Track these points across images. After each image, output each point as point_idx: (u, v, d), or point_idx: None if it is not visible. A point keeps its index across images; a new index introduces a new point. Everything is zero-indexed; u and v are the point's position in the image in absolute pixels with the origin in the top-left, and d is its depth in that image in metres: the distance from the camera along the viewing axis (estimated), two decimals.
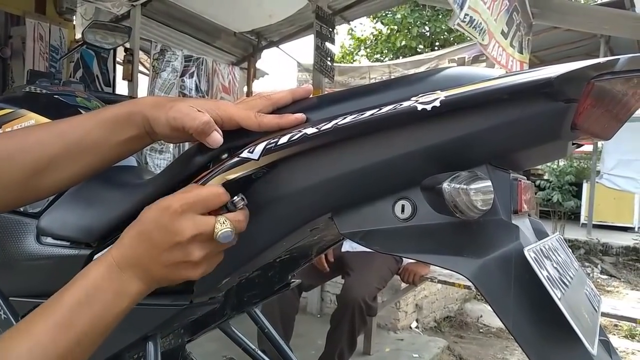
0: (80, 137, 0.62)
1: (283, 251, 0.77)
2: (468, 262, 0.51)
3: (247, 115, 0.60)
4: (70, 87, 1.24)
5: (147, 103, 0.62)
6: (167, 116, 0.59)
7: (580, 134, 0.54)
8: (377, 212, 0.58)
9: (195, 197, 0.54)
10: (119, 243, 0.55)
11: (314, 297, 3.59)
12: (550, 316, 0.48)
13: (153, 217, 0.54)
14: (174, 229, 0.53)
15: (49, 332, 0.49)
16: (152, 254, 0.54)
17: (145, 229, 0.54)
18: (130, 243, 0.54)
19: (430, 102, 0.52)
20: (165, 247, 0.53)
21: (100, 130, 0.62)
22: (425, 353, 3.04)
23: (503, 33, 4.11)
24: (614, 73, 0.50)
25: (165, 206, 0.54)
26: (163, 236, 0.53)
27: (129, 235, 0.55)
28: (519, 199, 0.57)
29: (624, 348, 3.66)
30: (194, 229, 0.53)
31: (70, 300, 0.51)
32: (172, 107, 0.60)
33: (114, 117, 0.62)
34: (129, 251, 0.54)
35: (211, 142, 0.59)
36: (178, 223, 0.53)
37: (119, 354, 0.77)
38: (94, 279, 0.53)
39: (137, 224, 0.55)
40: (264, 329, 1.07)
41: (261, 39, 6.19)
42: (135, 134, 0.62)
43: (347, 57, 15.24)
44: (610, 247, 7.39)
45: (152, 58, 4.48)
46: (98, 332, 0.52)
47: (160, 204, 0.54)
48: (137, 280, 0.54)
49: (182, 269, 0.55)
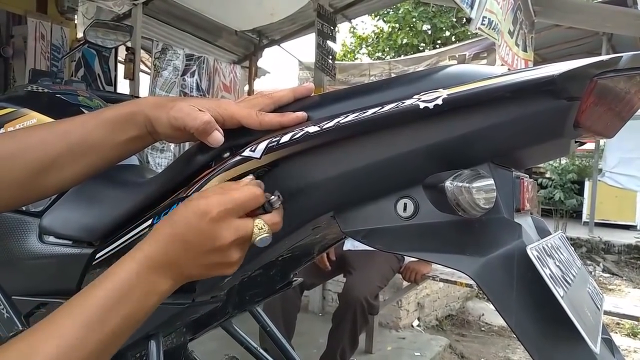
0: (82, 136, 0.62)
1: (285, 250, 0.77)
2: (470, 261, 0.51)
3: (248, 113, 0.60)
4: (72, 86, 1.24)
5: (148, 103, 0.62)
6: (169, 116, 0.60)
7: (582, 132, 0.54)
8: (379, 210, 0.58)
9: (233, 202, 0.53)
10: (152, 241, 0.54)
11: (316, 295, 3.60)
12: (552, 314, 0.48)
13: (189, 221, 0.52)
14: (214, 235, 0.52)
15: (79, 331, 0.48)
16: (189, 256, 0.53)
17: (180, 232, 0.53)
18: (165, 244, 0.53)
19: (432, 100, 0.52)
20: (204, 250, 0.53)
21: (102, 130, 0.62)
22: (427, 351, 3.04)
23: (510, 32, 4.12)
24: (617, 71, 0.50)
25: (203, 211, 0.52)
26: (201, 241, 0.52)
27: (162, 235, 0.54)
28: (522, 197, 0.57)
29: (626, 346, 3.66)
30: (234, 235, 0.53)
31: (101, 300, 0.50)
32: (174, 107, 0.60)
33: (115, 117, 0.62)
34: (163, 251, 0.53)
35: (212, 142, 0.59)
36: (218, 229, 0.52)
37: (121, 352, 0.77)
38: (126, 278, 0.51)
39: (170, 224, 0.54)
40: (266, 328, 1.07)
41: (262, 37, 6.19)
42: (137, 134, 0.62)
43: (349, 56, 15.23)
44: (612, 245, 7.38)
45: (153, 57, 4.48)
46: (127, 330, 0.52)
47: (197, 207, 0.53)
48: (169, 279, 0.53)
49: (217, 269, 0.55)
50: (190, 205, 0.53)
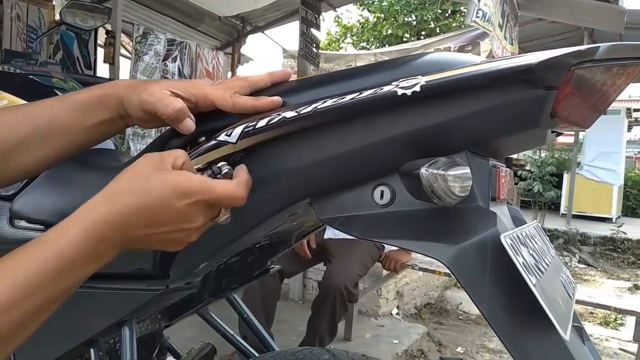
0: (49, 119, 0.60)
1: (262, 237, 0.76)
2: (445, 248, 0.51)
3: (222, 95, 0.59)
4: (47, 67, 1.21)
5: (120, 85, 0.61)
6: (140, 98, 0.58)
7: (559, 122, 0.54)
8: (356, 197, 0.58)
9: (213, 195, 0.51)
10: (110, 206, 0.49)
11: (296, 283, 3.61)
12: (525, 302, 0.49)
13: (165, 197, 0.49)
14: (187, 217, 0.51)
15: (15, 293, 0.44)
16: (149, 231, 0.50)
17: (153, 205, 0.49)
18: (128, 213, 0.49)
19: (410, 87, 0.51)
20: (169, 228, 0.51)
21: (71, 113, 0.60)
22: (405, 339, 3.08)
23: (500, 25, 4.14)
24: (595, 61, 0.50)
25: (184, 193, 0.50)
26: (171, 219, 0.50)
27: (125, 202, 0.49)
28: (498, 186, 0.57)
29: (599, 335, 3.75)
30: (204, 220, 0.53)
31: (40, 267, 0.45)
32: (145, 89, 0.58)
33: (85, 100, 0.60)
34: (122, 220, 0.49)
35: (183, 129, 0.58)
36: (193, 213, 0.51)
37: (93, 338, 0.76)
38: (71, 247, 0.46)
39: (140, 193, 0.49)
40: (242, 315, 1.06)
41: (246, 23, 6.12)
42: (108, 117, 0.61)
43: (334, 45, 15.15)
44: (589, 237, 7.53)
45: (134, 41, 4.40)
46: (64, 295, 0.48)
47: (179, 187, 0.50)
48: (116, 248, 0.50)
49: (168, 245, 0.53)
50: (170, 181, 0.50)
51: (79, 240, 0.47)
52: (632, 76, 0.55)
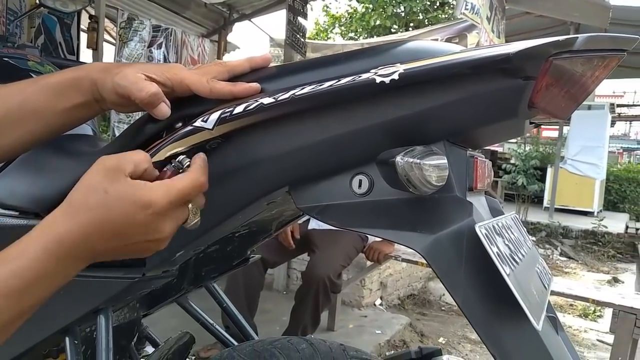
0: (20, 102, 0.58)
1: (240, 225, 0.76)
2: (421, 238, 0.51)
3: (198, 80, 0.57)
4: (25, 50, 1.18)
5: (95, 67, 0.59)
6: (113, 82, 0.56)
7: (537, 113, 0.54)
8: (334, 186, 0.58)
9: (178, 194, 0.49)
10: (70, 223, 0.46)
11: (280, 274, 3.61)
12: (499, 292, 0.49)
13: (127, 212, 0.47)
14: (154, 228, 0.49)
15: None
16: (115, 245, 0.48)
17: (115, 220, 0.47)
18: (88, 230, 0.47)
19: (389, 74, 0.51)
20: (135, 240, 0.49)
21: (43, 96, 0.58)
22: (387, 329, 3.10)
23: (487, 18, 4.15)
24: (573, 52, 0.50)
25: (146, 204, 0.47)
26: (138, 233, 0.48)
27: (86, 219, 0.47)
28: (475, 177, 0.57)
29: (578, 326, 3.82)
30: (174, 226, 0.51)
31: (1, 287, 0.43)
32: (119, 72, 0.57)
33: (58, 83, 0.59)
34: (84, 237, 0.47)
35: (158, 114, 0.56)
36: (160, 223, 0.49)
37: (69, 327, 0.75)
38: (31, 266, 0.44)
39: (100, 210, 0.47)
40: (222, 304, 1.06)
41: (233, 11, 6.05)
42: (82, 100, 0.59)
43: (321, 35, 15.09)
44: (570, 230, 7.65)
45: (118, 26, 4.33)
46: (26, 315, 0.46)
47: (139, 199, 0.47)
48: (82, 263, 0.48)
49: (140, 254, 0.52)
50: (129, 195, 0.47)
51: (40, 259, 0.45)
52: (610, 67, 0.55)
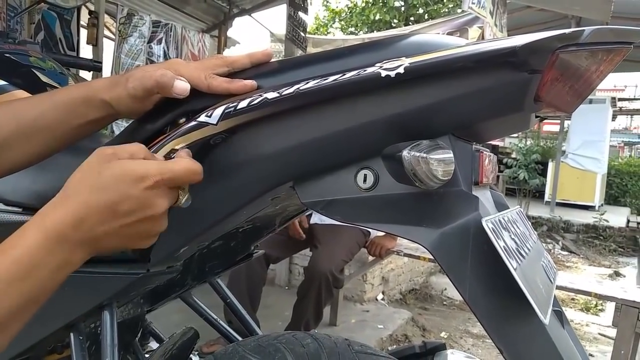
0: (34, 118, 0.60)
1: (244, 220, 0.76)
2: (427, 232, 0.50)
3: (197, 75, 0.58)
4: (26, 46, 1.18)
5: (102, 86, 0.60)
6: (127, 89, 0.58)
7: (542, 107, 0.54)
8: (339, 181, 0.58)
9: (172, 173, 0.50)
10: (66, 207, 0.47)
11: (282, 269, 3.61)
12: (505, 286, 0.49)
13: (121, 186, 0.48)
14: (148, 203, 0.49)
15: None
16: (113, 226, 0.48)
17: (111, 198, 0.47)
18: (86, 211, 0.47)
19: (394, 68, 0.51)
20: (133, 219, 0.49)
21: (56, 113, 0.60)
22: (389, 324, 3.11)
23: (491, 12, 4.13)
24: (579, 45, 0.50)
25: (140, 177, 0.48)
26: (133, 209, 0.48)
27: (81, 200, 0.47)
28: (480, 171, 0.57)
29: (580, 320, 3.82)
30: (167, 203, 0.51)
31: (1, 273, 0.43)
32: (128, 78, 0.58)
33: (70, 100, 0.60)
34: (81, 220, 0.47)
35: (178, 91, 0.57)
36: (154, 197, 0.49)
37: (73, 322, 0.75)
38: (31, 252, 0.45)
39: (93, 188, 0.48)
40: (226, 300, 1.06)
41: (233, 6, 6.02)
42: (95, 117, 0.61)
43: (322, 29, 15.03)
44: (572, 224, 7.64)
45: (118, 22, 4.30)
46: (34, 304, 0.46)
47: (132, 172, 0.48)
48: (83, 250, 0.48)
49: (139, 239, 0.52)
50: (124, 170, 0.48)
51: (38, 244, 0.45)
52: (615, 62, 0.55)
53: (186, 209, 0.56)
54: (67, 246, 0.47)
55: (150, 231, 0.52)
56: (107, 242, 0.50)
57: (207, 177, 0.60)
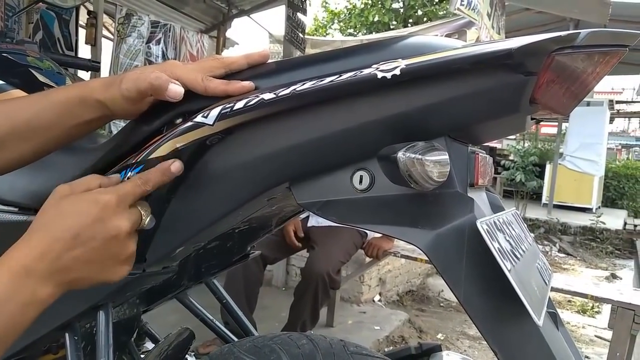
0: (28, 118, 0.59)
1: (240, 221, 0.76)
2: (422, 234, 0.51)
3: (194, 77, 0.58)
4: (24, 46, 1.17)
5: (97, 86, 0.60)
6: (121, 91, 0.57)
7: (538, 109, 0.54)
8: (335, 182, 0.58)
9: (125, 191, 0.53)
10: (29, 244, 0.48)
11: (280, 270, 3.61)
12: (500, 288, 0.49)
13: (82, 212, 0.50)
14: (112, 225, 0.51)
15: None
16: (77, 252, 0.49)
17: (71, 224, 0.49)
18: (48, 243, 0.48)
19: (390, 70, 0.51)
20: (99, 244, 0.50)
21: (51, 113, 0.60)
22: (386, 325, 3.11)
23: (488, 14, 4.13)
24: (575, 47, 0.50)
25: (94, 200, 0.51)
26: (97, 233, 0.50)
27: (43, 234, 0.49)
28: (476, 173, 0.57)
29: (576, 322, 3.83)
30: (129, 223, 0.53)
31: None
32: (122, 80, 0.58)
33: (65, 101, 0.60)
34: (44, 253, 0.48)
35: (172, 95, 0.56)
36: (117, 219, 0.51)
37: (68, 323, 0.75)
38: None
39: (55, 220, 0.50)
40: (222, 300, 1.06)
41: (232, 7, 6.02)
42: (89, 118, 0.61)
43: (321, 30, 15.04)
44: (569, 226, 7.65)
45: (116, 22, 4.30)
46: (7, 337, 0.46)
47: (89, 197, 0.51)
48: (51, 283, 0.48)
49: (111, 267, 0.53)
50: (80, 198, 0.51)
51: (3, 281, 0.46)
52: (611, 64, 0.55)
53: (183, 209, 0.57)
54: (33, 280, 0.47)
55: (119, 255, 0.53)
56: (76, 273, 0.50)
57: (204, 177, 0.61)
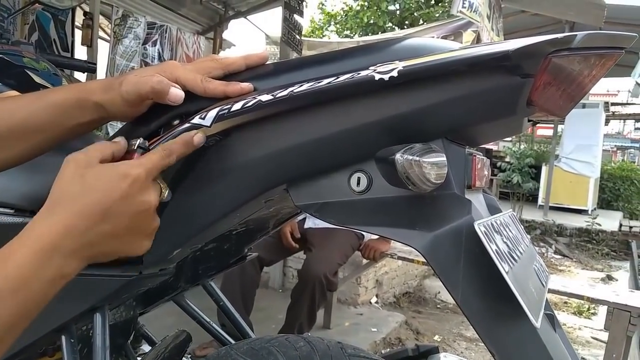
0: (24, 118, 0.59)
1: (237, 223, 0.75)
2: (420, 235, 0.51)
3: (193, 78, 0.57)
4: (19, 47, 1.17)
5: (96, 88, 0.59)
6: (121, 93, 0.57)
7: (535, 110, 0.54)
8: (332, 184, 0.58)
9: (152, 163, 0.52)
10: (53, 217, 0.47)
11: (276, 272, 3.60)
12: (497, 289, 0.49)
13: (108, 187, 0.48)
14: (141, 200, 0.50)
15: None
16: (106, 227, 0.48)
17: (100, 200, 0.48)
18: (72, 218, 0.47)
19: (387, 72, 0.51)
20: (126, 218, 0.49)
21: (47, 114, 0.59)
22: (383, 327, 3.11)
23: (488, 16, 4.15)
24: (571, 50, 0.50)
25: (123, 174, 0.49)
26: (124, 207, 0.49)
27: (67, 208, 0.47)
28: (473, 174, 0.57)
29: (572, 324, 3.84)
30: (156, 197, 0.52)
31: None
32: (122, 82, 0.57)
33: (62, 102, 0.59)
34: (72, 225, 0.47)
35: (172, 99, 0.56)
36: (147, 193, 0.51)
37: (65, 325, 0.74)
38: (20, 268, 0.44)
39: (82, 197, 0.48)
40: (219, 302, 1.05)
41: (228, 8, 6.02)
42: (87, 119, 0.60)
43: (317, 32, 15.07)
44: (565, 228, 7.67)
45: (113, 23, 4.30)
46: (26, 319, 0.45)
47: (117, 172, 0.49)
48: (77, 258, 0.48)
49: (134, 241, 0.52)
50: (107, 171, 0.49)
51: (26, 260, 0.44)
52: (607, 66, 0.55)
53: (180, 211, 0.56)
54: (60, 257, 0.46)
55: (146, 229, 0.52)
56: (102, 247, 0.50)
57: (201, 179, 0.60)
